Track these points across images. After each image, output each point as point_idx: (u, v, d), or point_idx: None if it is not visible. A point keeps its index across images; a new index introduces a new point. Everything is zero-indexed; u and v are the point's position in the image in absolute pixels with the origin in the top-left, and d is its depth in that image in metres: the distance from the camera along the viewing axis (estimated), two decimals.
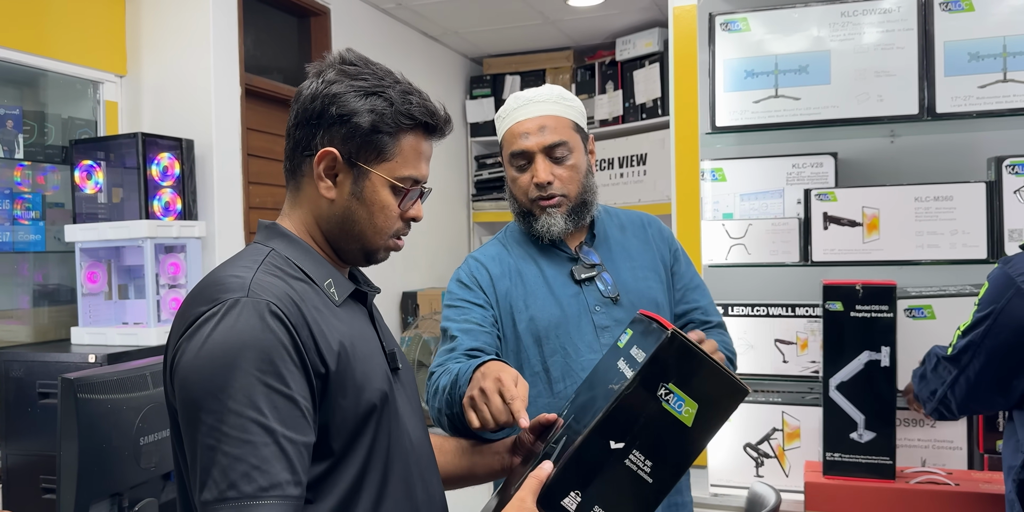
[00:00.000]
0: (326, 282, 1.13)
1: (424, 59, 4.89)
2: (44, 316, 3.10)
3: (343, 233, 1.15)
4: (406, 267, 4.58)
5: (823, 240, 2.14)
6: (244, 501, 0.93)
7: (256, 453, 0.94)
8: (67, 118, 3.22)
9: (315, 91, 1.12)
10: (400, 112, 1.11)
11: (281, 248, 1.13)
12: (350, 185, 1.12)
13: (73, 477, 1.53)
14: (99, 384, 1.59)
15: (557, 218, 1.61)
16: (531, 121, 1.59)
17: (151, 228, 2.91)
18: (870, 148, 2.37)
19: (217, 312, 0.99)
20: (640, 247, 1.71)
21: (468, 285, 1.65)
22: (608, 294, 1.62)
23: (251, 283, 1.03)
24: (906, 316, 1.89)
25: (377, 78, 1.13)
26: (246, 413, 0.95)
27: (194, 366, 0.98)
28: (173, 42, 3.29)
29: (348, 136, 1.10)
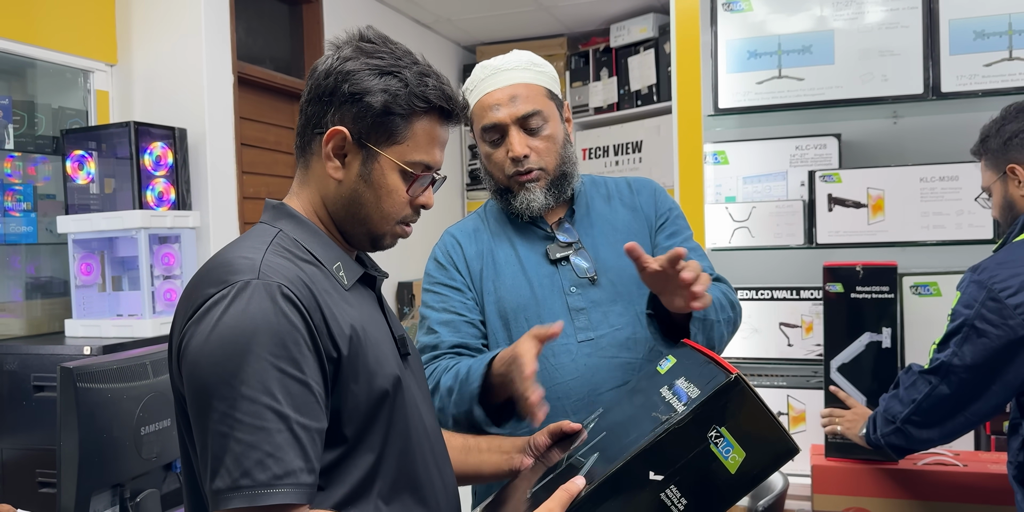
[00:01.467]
0: (335, 265, 1.10)
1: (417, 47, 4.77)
2: (37, 309, 3.06)
3: (349, 216, 1.12)
4: (401, 257, 4.55)
5: (828, 222, 2.12)
6: (258, 489, 0.90)
7: (270, 440, 0.91)
8: (57, 108, 3.17)
9: (329, 67, 1.09)
10: (415, 94, 1.07)
11: (289, 229, 1.10)
12: (359, 166, 1.09)
13: (74, 468, 1.50)
14: (99, 373, 1.56)
15: (536, 193, 1.52)
16: (501, 91, 1.49)
17: (145, 218, 2.87)
18: (874, 129, 2.35)
19: (227, 294, 0.96)
20: (628, 216, 1.60)
21: (444, 265, 1.58)
22: (584, 274, 1.53)
23: (261, 265, 1.00)
24: (912, 293, 1.87)
25: (395, 57, 1.10)
26: (260, 399, 0.92)
27: (205, 351, 0.94)
28: (164, 30, 3.24)
29: (359, 115, 1.07)
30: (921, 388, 1.64)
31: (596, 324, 1.51)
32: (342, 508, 1.02)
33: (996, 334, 1.55)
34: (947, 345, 1.61)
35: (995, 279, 1.56)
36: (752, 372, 2.20)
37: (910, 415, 1.66)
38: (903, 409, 1.67)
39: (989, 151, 1.73)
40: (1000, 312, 1.55)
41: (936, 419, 1.64)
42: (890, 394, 1.73)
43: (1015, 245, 1.64)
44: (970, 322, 1.57)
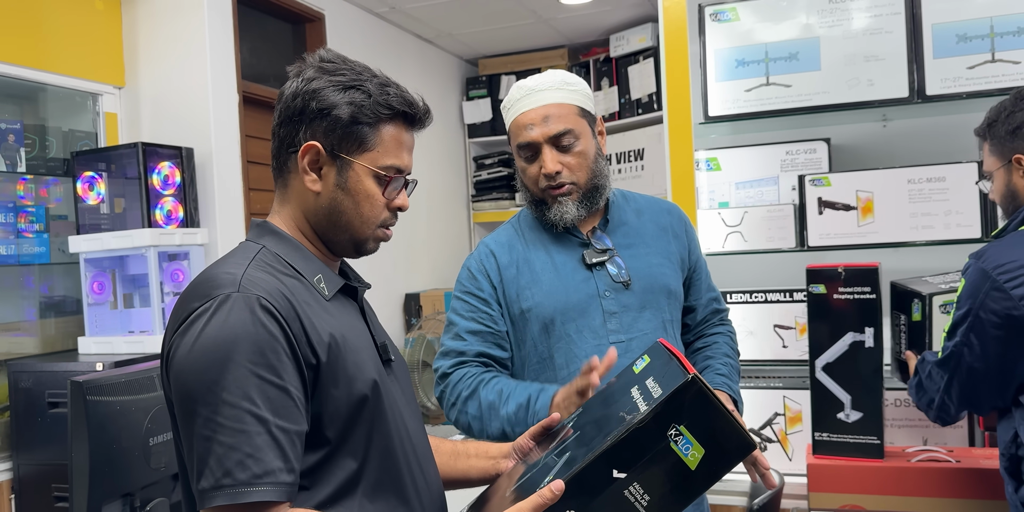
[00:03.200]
0: (315, 277, 1.16)
1: (419, 62, 4.91)
2: (51, 327, 3.13)
3: (331, 224, 1.17)
4: (408, 269, 4.60)
5: (818, 225, 2.16)
6: (239, 488, 0.96)
7: (250, 442, 0.97)
8: (67, 131, 3.25)
9: (296, 89, 1.15)
10: (378, 102, 1.15)
11: (272, 245, 1.16)
12: (335, 177, 1.15)
13: (85, 478, 1.56)
14: (107, 386, 1.61)
15: (569, 206, 1.62)
16: (534, 111, 1.59)
17: (154, 237, 2.94)
18: (863, 133, 2.39)
19: (209, 308, 1.02)
20: (656, 233, 1.71)
21: (475, 276, 1.67)
22: (619, 279, 1.63)
23: (242, 279, 1.06)
24: (941, 312, 1.88)
25: (355, 73, 1.17)
26: (240, 404, 0.97)
27: (188, 360, 1.00)
28: (169, 52, 3.32)
29: (329, 129, 1.13)
30: (937, 380, 1.68)
31: (627, 327, 1.60)
32: (326, 507, 1.06)
33: (1001, 323, 1.55)
34: (955, 334, 1.63)
35: (1000, 269, 1.56)
36: (748, 373, 2.23)
37: (942, 403, 1.69)
38: (934, 397, 1.71)
39: (995, 137, 1.71)
40: (1004, 301, 1.55)
41: (966, 400, 1.66)
42: (914, 382, 1.77)
43: (1020, 234, 1.64)
44: (975, 311, 1.58)
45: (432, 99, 4.98)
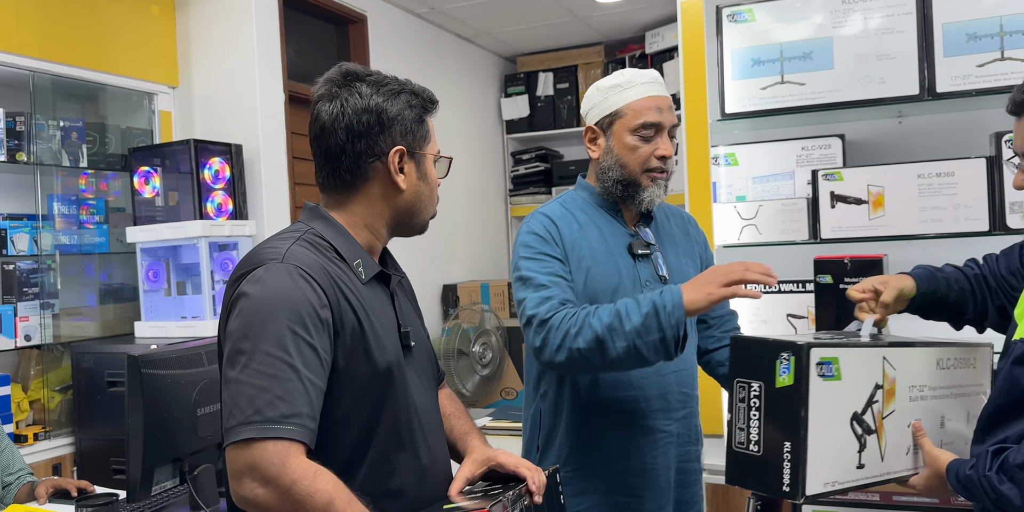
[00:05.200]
0: (355, 262, 1.29)
1: (459, 60, 5.05)
2: (110, 312, 3.34)
3: (411, 213, 1.35)
4: (447, 261, 4.75)
5: (831, 218, 2.24)
6: (268, 424, 1.08)
7: (282, 386, 1.10)
8: (125, 128, 3.46)
9: (357, 107, 1.26)
10: (423, 99, 1.32)
11: (320, 228, 1.30)
12: (415, 171, 1.32)
13: (140, 443, 1.72)
14: (160, 361, 1.78)
15: (662, 190, 1.77)
16: (663, 99, 1.76)
17: (205, 228, 3.12)
18: (877, 129, 2.45)
19: (256, 274, 1.18)
20: (682, 238, 1.86)
21: (544, 238, 1.74)
22: (660, 272, 1.76)
23: (286, 252, 1.21)
24: (820, 377, 1.36)
25: (387, 79, 1.31)
26: (276, 354, 1.12)
27: (233, 321, 1.16)
28: (220, 54, 3.51)
29: (403, 132, 1.29)
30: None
31: None
32: (341, 465, 1.19)
33: None
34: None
35: None
36: None
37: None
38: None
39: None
40: None
41: None
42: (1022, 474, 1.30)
43: None
44: None
45: (471, 96, 5.15)
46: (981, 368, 1.63)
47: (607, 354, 1.56)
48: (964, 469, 1.39)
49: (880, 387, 1.44)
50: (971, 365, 1.62)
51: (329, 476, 1.11)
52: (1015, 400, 1.39)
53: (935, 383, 1.53)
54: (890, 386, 1.45)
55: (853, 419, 1.40)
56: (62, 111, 3.16)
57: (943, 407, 1.56)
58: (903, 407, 1.48)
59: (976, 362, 1.62)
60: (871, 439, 1.43)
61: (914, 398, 1.50)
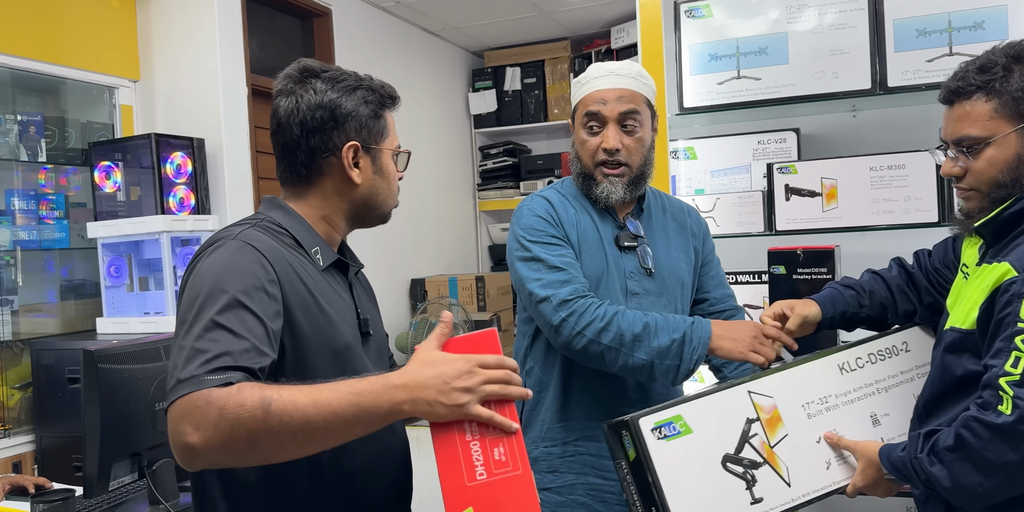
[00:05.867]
0: (313, 249, 1.31)
1: (426, 54, 5.05)
2: (71, 309, 3.31)
3: (369, 206, 1.36)
4: (415, 255, 4.75)
5: (785, 210, 2.28)
6: (200, 378, 1.05)
7: (220, 347, 1.08)
8: (85, 122, 3.42)
9: (314, 102, 1.29)
10: (381, 95, 1.34)
11: (277, 217, 1.32)
12: (371, 166, 1.33)
13: (96, 438, 1.72)
14: (117, 355, 1.77)
15: (617, 187, 1.74)
16: (611, 91, 1.74)
17: (167, 223, 3.10)
18: (832, 123, 2.50)
19: (210, 250, 1.20)
20: (676, 230, 1.86)
21: (548, 220, 1.76)
22: (644, 265, 1.77)
23: (240, 233, 1.23)
24: (657, 437, 1.43)
25: (345, 75, 1.33)
26: (219, 321, 1.10)
27: (188, 289, 1.17)
28: (182, 47, 3.48)
29: (358, 127, 1.31)
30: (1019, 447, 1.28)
31: (644, 309, 1.73)
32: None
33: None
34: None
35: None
36: None
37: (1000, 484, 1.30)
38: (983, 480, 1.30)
39: (1005, 93, 1.37)
40: None
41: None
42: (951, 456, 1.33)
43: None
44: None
45: (439, 90, 5.14)
46: (920, 351, 1.64)
47: (624, 359, 1.61)
48: (896, 452, 1.44)
49: (755, 420, 1.49)
50: (900, 352, 1.63)
51: (250, 384, 1.06)
52: (947, 388, 1.44)
53: (843, 389, 1.56)
54: (770, 415, 1.51)
55: (726, 461, 1.47)
56: (20, 105, 3.12)
57: (871, 406, 1.57)
58: (800, 427, 1.52)
59: (911, 345, 1.64)
60: (761, 472, 1.48)
61: (815, 413, 1.54)
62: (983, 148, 1.39)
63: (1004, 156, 1.39)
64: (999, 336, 1.31)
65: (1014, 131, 1.38)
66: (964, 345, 1.41)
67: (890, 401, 1.59)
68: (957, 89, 1.43)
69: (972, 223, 1.45)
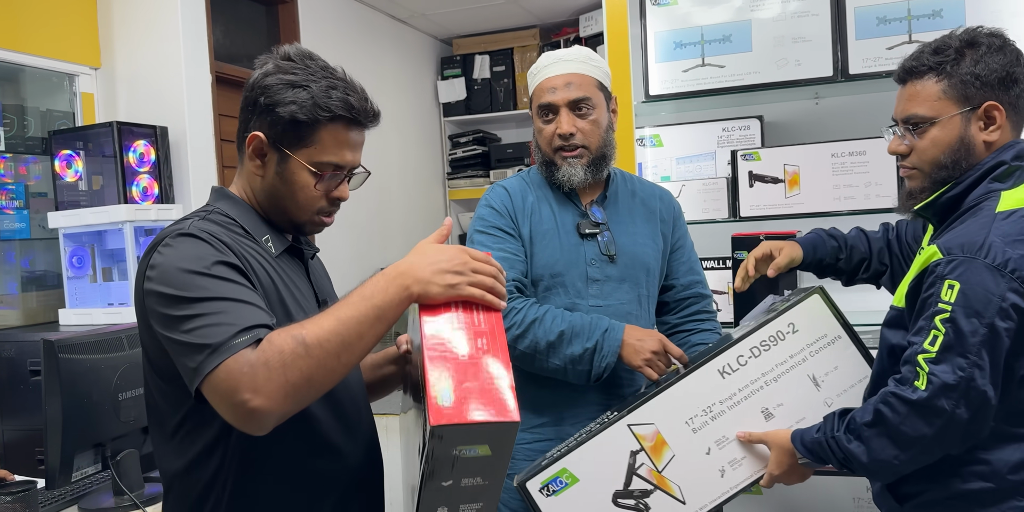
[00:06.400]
0: (264, 237, 1.30)
1: (394, 42, 5.01)
2: (33, 300, 3.26)
3: (272, 205, 1.32)
4: (384, 243, 4.74)
5: (749, 197, 2.31)
6: (219, 348, 1.07)
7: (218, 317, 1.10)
8: (45, 110, 3.36)
9: (253, 82, 1.29)
10: (318, 105, 1.25)
11: (225, 208, 1.31)
12: (274, 166, 1.28)
13: (58, 428, 1.70)
14: (78, 345, 1.75)
15: (577, 168, 1.76)
16: (559, 78, 1.75)
17: (130, 212, 3.06)
18: (795, 110, 2.53)
19: (166, 245, 1.18)
20: (645, 216, 1.87)
21: (499, 212, 1.80)
22: (606, 251, 1.78)
23: (190, 226, 1.21)
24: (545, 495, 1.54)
25: (308, 72, 1.28)
26: (203, 298, 1.11)
27: (155, 285, 1.15)
28: (144, 34, 3.42)
29: (273, 123, 1.26)
30: (933, 421, 1.32)
31: (606, 295, 1.77)
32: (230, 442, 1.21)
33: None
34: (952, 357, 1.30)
35: (1018, 263, 1.30)
36: None
37: (915, 456, 1.36)
38: (899, 454, 1.36)
39: (955, 76, 1.40)
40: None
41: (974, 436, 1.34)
42: (870, 432, 1.38)
43: (1018, 219, 1.34)
44: (989, 322, 1.29)
45: (407, 79, 5.11)
46: (812, 324, 1.59)
47: (539, 363, 1.71)
48: (810, 434, 1.48)
49: (640, 451, 1.56)
50: (787, 335, 1.59)
51: (274, 332, 1.10)
52: (884, 364, 1.48)
53: (727, 393, 1.58)
54: (653, 442, 1.57)
55: (616, 498, 1.56)
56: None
57: (760, 401, 1.58)
58: (686, 445, 1.57)
59: (798, 325, 1.59)
60: (654, 498, 1.56)
61: (700, 426, 1.57)
62: (928, 127, 1.43)
63: (947, 138, 1.42)
64: (923, 315, 1.36)
65: (959, 114, 1.41)
66: (899, 321, 1.46)
67: (782, 390, 1.58)
68: (911, 68, 1.47)
69: (913, 204, 1.49)
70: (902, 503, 1.46)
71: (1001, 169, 1.40)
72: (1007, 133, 1.43)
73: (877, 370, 1.52)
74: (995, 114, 1.41)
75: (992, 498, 1.36)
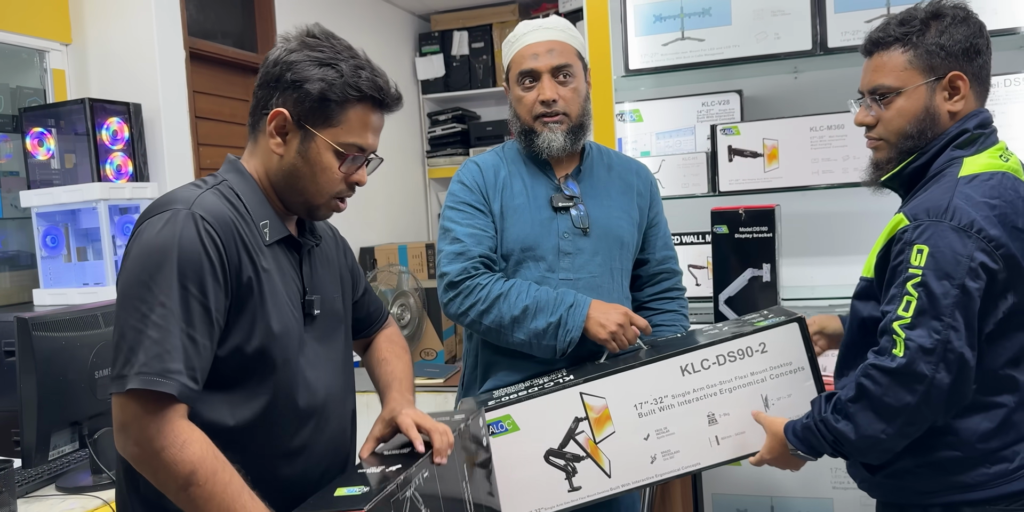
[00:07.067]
0: (262, 222, 1.26)
1: (371, 18, 4.95)
2: (6, 280, 3.21)
3: (288, 186, 1.29)
4: (363, 223, 4.71)
5: (729, 171, 2.31)
6: (152, 376, 1.08)
7: (170, 341, 1.10)
8: (15, 87, 3.29)
9: (277, 57, 1.26)
10: (348, 84, 1.23)
11: (235, 182, 1.28)
12: (297, 144, 1.26)
13: (34, 407, 1.68)
14: (52, 323, 1.73)
15: (558, 134, 1.76)
16: (541, 44, 1.75)
17: (104, 191, 3.01)
18: (774, 84, 2.52)
19: (159, 219, 1.16)
20: (621, 189, 1.86)
21: (470, 188, 1.80)
22: (579, 224, 1.78)
23: (196, 199, 1.18)
24: (487, 433, 1.60)
25: (334, 51, 1.26)
26: (169, 306, 1.10)
27: (132, 260, 1.13)
28: (115, 8, 3.35)
29: (299, 100, 1.24)
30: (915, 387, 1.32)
31: (577, 268, 1.77)
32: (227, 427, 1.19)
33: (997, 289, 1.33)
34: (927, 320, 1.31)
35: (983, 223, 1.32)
36: None
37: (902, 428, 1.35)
38: (886, 427, 1.35)
39: (921, 46, 1.41)
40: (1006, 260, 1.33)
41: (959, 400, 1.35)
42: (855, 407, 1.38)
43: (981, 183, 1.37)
44: (959, 283, 1.30)
45: (385, 55, 5.05)
46: (782, 349, 1.64)
47: (504, 338, 1.72)
48: (799, 423, 1.49)
49: (584, 419, 1.63)
50: (755, 353, 1.63)
51: (199, 446, 1.10)
52: (854, 335, 1.49)
53: (682, 389, 1.63)
54: (599, 414, 1.63)
55: (548, 455, 1.63)
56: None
57: (710, 406, 1.63)
58: (630, 426, 1.62)
59: (768, 347, 1.63)
60: (583, 464, 1.63)
61: (647, 413, 1.63)
62: (894, 98, 1.44)
63: (913, 108, 1.43)
64: (894, 282, 1.37)
65: (924, 84, 1.42)
66: (868, 292, 1.47)
67: (733, 401, 1.63)
68: (877, 40, 1.48)
69: (880, 175, 1.50)
70: (873, 473, 1.47)
71: (964, 137, 1.43)
72: (971, 103, 1.46)
73: (846, 342, 1.53)
74: (959, 84, 1.43)
75: (960, 467, 1.38)
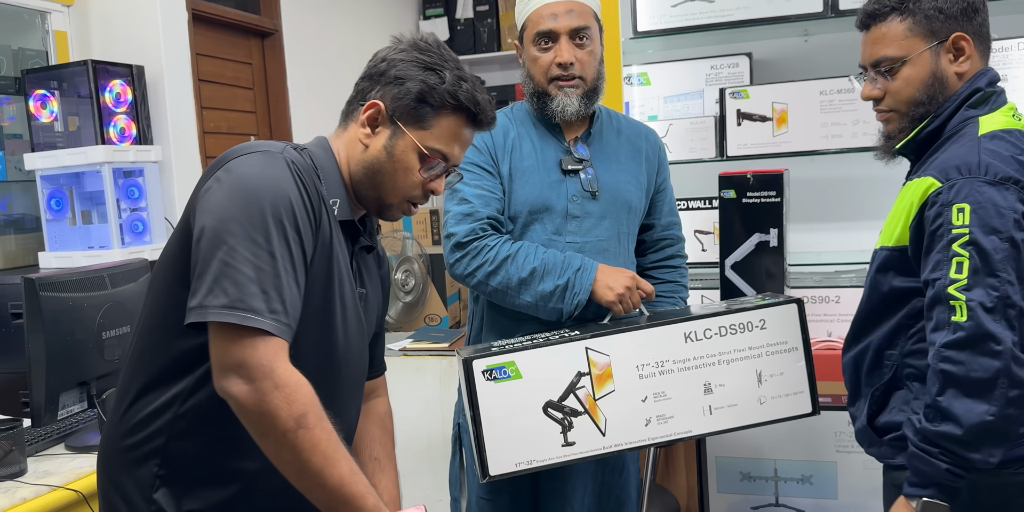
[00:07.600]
0: (332, 200, 1.27)
1: None
2: (11, 243, 3.22)
3: (367, 179, 1.29)
4: None
5: (737, 135, 2.29)
6: (253, 314, 1.08)
7: (269, 280, 1.10)
8: (17, 49, 3.26)
9: (385, 54, 1.28)
10: (448, 91, 1.24)
11: (317, 155, 1.28)
12: (385, 139, 1.26)
13: (42, 367, 1.69)
14: (60, 283, 1.73)
15: (573, 99, 1.74)
16: (559, 4, 1.71)
17: (108, 153, 3.00)
18: (784, 47, 2.49)
19: (256, 158, 1.16)
20: (630, 154, 1.84)
21: (479, 149, 1.78)
22: (588, 187, 1.77)
23: (286, 150, 1.20)
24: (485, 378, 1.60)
25: (442, 59, 1.27)
26: (264, 245, 1.10)
27: (227, 194, 1.13)
28: None
29: (397, 96, 1.25)
30: (994, 349, 1.24)
31: (585, 231, 1.77)
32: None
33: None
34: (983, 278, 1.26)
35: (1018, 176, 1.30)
36: None
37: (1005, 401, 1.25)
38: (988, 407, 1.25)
39: (919, 12, 1.40)
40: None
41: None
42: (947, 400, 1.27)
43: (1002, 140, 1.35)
44: (1007, 235, 1.27)
45: (388, 18, 4.99)
46: (779, 328, 1.67)
47: (511, 300, 1.72)
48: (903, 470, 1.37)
49: (587, 374, 1.63)
50: (755, 328, 1.66)
51: (309, 389, 1.11)
52: (873, 306, 1.47)
53: (683, 356, 1.65)
54: (602, 371, 1.64)
55: (547, 407, 1.63)
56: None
57: (707, 375, 1.65)
58: (629, 385, 1.64)
59: (768, 323, 1.66)
60: (580, 420, 1.64)
61: (648, 375, 1.64)
62: (900, 67, 1.43)
63: (920, 74, 1.42)
64: (935, 248, 1.32)
65: (928, 49, 1.41)
66: (892, 263, 1.43)
67: (729, 373, 1.66)
68: (872, 12, 1.47)
69: (893, 144, 1.48)
70: (882, 436, 1.47)
71: (976, 96, 1.41)
72: (976, 62, 1.44)
73: (863, 311, 1.50)
74: (963, 45, 1.41)
75: None
